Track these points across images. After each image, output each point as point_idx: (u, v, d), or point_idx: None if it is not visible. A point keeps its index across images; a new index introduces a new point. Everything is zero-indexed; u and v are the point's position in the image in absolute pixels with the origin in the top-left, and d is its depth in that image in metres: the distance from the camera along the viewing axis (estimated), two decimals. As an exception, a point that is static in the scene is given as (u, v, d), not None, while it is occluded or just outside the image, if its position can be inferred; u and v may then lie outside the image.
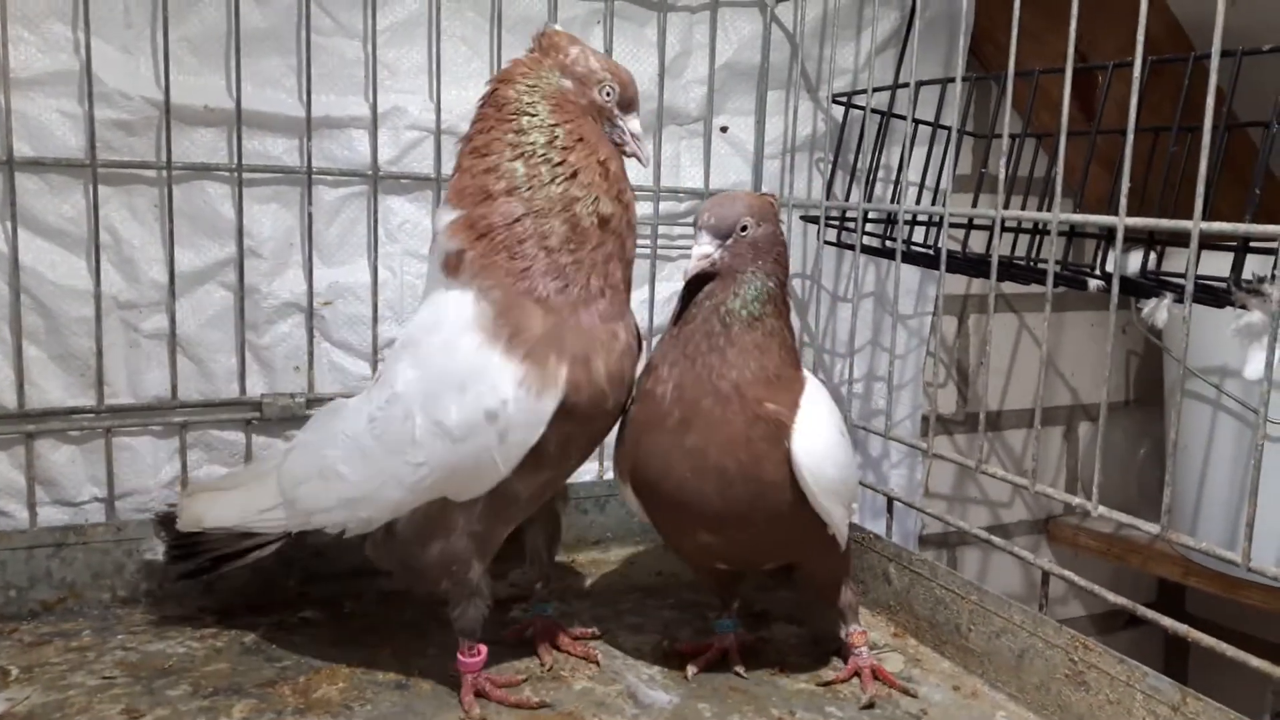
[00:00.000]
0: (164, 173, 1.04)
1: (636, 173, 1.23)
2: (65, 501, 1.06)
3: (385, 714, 0.83)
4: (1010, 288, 1.50)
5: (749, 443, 0.83)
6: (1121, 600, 0.86)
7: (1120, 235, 0.83)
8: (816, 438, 0.85)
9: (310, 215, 1.11)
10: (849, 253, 1.32)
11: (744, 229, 0.85)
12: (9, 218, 0.99)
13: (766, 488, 0.84)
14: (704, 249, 0.85)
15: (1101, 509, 0.87)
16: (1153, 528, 0.81)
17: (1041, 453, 1.72)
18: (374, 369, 1.15)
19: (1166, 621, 0.82)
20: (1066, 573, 0.92)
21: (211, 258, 1.09)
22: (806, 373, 0.90)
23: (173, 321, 1.06)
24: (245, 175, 1.08)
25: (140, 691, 0.85)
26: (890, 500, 1.14)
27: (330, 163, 1.12)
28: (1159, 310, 0.96)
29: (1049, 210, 0.90)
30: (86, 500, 1.07)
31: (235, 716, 0.82)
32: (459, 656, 0.86)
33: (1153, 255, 1.00)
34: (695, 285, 0.86)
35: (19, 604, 0.98)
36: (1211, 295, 0.87)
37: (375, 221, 1.14)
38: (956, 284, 1.59)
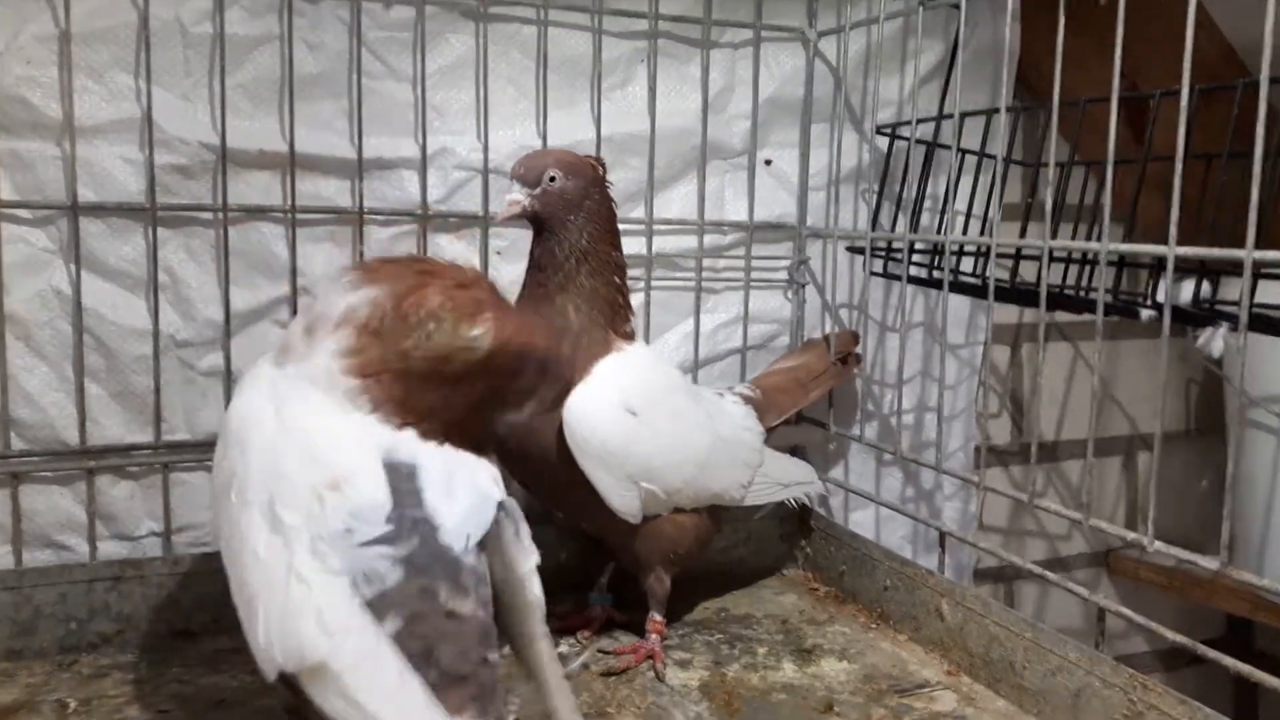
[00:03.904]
0: (220, 215, 1.07)
1: (681, 207, 1.26)
2: (124, 536, 1.08)
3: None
4: (1064, 316, 1.48)
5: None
6: (1181, 638, 0.83)
7: (1171, 265, 0.81)
8: (589, 402, 0.91)
9: (362, 254, 1.13)
10: (896, 283, 1.31)
11: (552, 179, 0.93)
12: (73, 260, 1.03)
13: (548, 446, 0.92)
14: (513, 196, 0.94)
15: (1158, 544, 0.84)
16: (1212, 564, 0.79)
17: (1100, 483, 1.69)
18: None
19: (1228, 661, 0.80)
20: (1124, 609, 0.89)
21: (266, 296, 1.11)
22: (628, 344, 0.97)
23: (228, 359, 1.09)
24: (299, 216, 1.10)
25: (194, 725, 0.86)
26: (942, 535, 1.12)
27: (381, 203, 1.14)
28: (1214, 339, 0.94)
29: (1098, 239, 0.88)
30: (144, 534, 1.09)
31: (286, 750, 0.83)
32: None
33: (1206, 283, 0.98)
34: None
35: (79, 636, 1.00)
36: (1267, 324, 0.84)
37: (424, 259, 1.16)
38: (1009, 313, 1.57)
